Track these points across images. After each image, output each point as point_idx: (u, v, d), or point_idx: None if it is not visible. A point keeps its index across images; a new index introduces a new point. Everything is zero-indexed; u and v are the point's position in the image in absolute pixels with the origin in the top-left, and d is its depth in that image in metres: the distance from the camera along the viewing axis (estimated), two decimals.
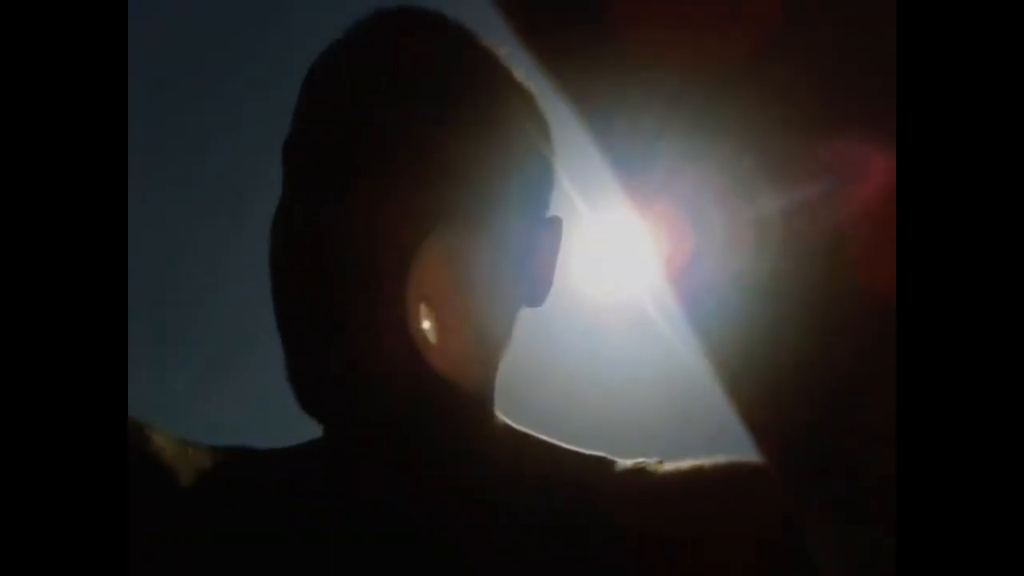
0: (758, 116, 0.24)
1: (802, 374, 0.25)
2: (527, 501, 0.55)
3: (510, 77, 0.56)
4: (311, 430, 0.57)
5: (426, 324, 0.49)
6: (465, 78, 0.53)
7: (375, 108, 0.51)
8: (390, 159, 0.50)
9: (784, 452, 0.26)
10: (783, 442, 0.26)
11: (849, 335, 0.24)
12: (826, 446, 0.25)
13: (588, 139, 0.26)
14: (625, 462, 0.58)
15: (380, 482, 0.55)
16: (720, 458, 0.55)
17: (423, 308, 0.49)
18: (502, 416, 0.58)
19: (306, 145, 0.53)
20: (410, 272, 0.49)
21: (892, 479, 0.23)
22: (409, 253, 0.49)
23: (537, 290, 0.57)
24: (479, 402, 0.56)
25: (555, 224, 0.58)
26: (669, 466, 0.57)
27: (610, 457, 0.59)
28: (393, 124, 0.51)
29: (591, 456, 0.59)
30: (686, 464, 0.56)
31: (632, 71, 0.25)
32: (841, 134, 0.24)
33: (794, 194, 0.25)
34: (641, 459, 0.58)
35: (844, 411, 0.24)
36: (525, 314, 0.58)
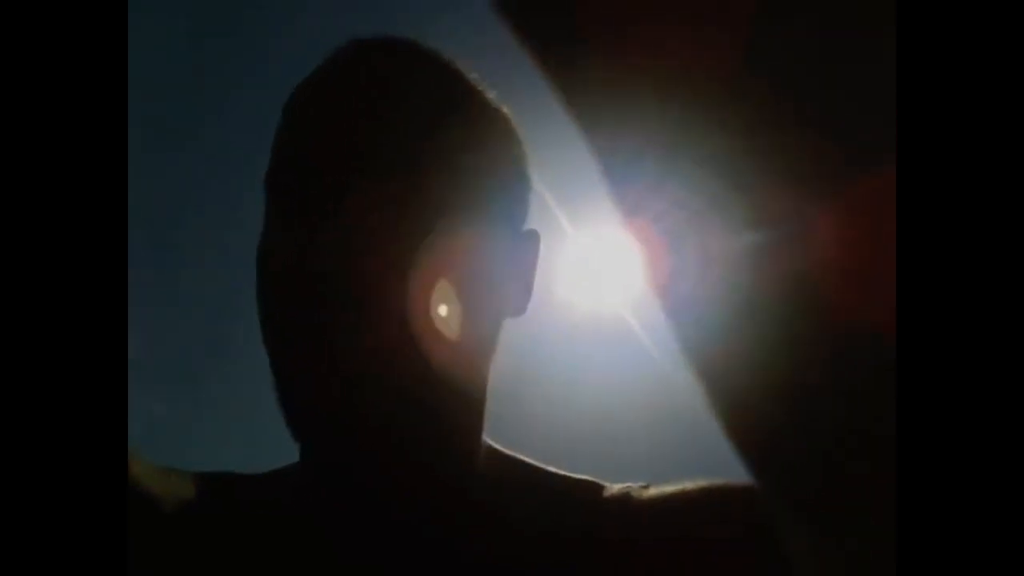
0: (736, 137, 0.25)
1: (774, 384, 0.26)
2: (512, 524, 0.55)
3: (484, 98, 0.58)
4: (288, 449, 0.58)
5: (437, 313, 0.50)
6: (442, 99, 0.55)
7: (358, 130, 0.52)
8: (375, 178, 0.51)
9: (760, 459, 0.27)
10: (760, 450, 0.27)
11: (817, 349, 0.25)
12: (800, 454, 0.26)
13: (587, 150, 0.27)
14: (611, 486, 0.59)
15: (365, 505, 0.55)
16: (703, 481, 0.56)
17: (427, 310, 0.50)
18: (487, 439, 0.59)
19: (290, 170, 0.54)
20: (398, 288, 0.50)
21: (867, 491, 0.24)
22: (396, 270, 0.50)
23: (519, 300, 0.59)
24: (470, 419, 0.57)
25: (533, 237, 0.60)
26: (654, 490, 0.57)
27: (597, 481, 0.59)
28: (376, 144, 0.52)
29: (577, 480, 0.59)
30: (670, 488, 0.57)
31: (610, 92, 0.26)
32: (819, 155, 0.25)
33: (770, 215, 0.25)
34: (627, 484, 0.58)
35: (814, 421, 0.25)
36: (507, 327, 0.59)
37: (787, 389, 0.25)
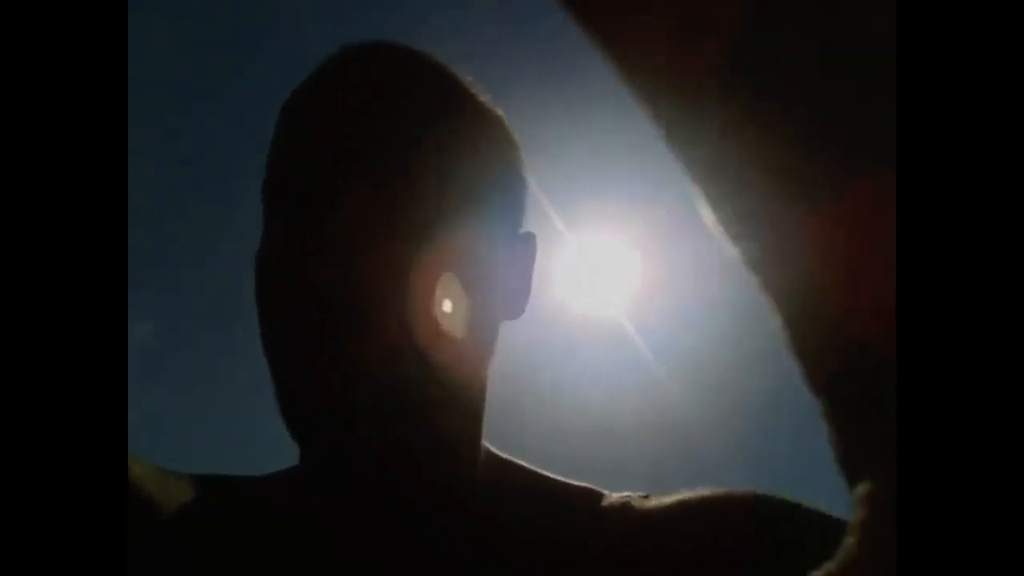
0: (730, 135, 0.25)
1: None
2: (509, 529, 0.55)
3: (477, 101, 0.58)
4: (287, 451, 0.58)
5: (434, 316, 0.50)
6: (438, 103, 0.55)
7: (354, 134, 0.53)
8: (371, 182, 0.52)
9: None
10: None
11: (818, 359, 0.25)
12: None
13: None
14: (610, 495, 0.59)
15: (360, 508, 0.55)
16: (703, 491, 0.56)
17: (422, 314, 0.50)
18: (485, 443, 0.59)
19: (285, 176, 0.54)
20: (391, 293, 0.50)
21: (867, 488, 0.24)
22: (390, 274, 0.50)
23: (516, 302, 0.59)
24: (468, 422, 0.57)
25: (529, 239, 0.60)
26: (654, 501, 0.57)
27: (596, 489, 0.59)
28: (372, 149, 0.52)
29: (576, 487, 0.60)
30: (670, 499, 0.57)
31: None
32: (813, 154, 0.25)
33: (762, 217, 0.26)
34: (626, 493, 0.59)
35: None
36: (504, 329, 0.59)
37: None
